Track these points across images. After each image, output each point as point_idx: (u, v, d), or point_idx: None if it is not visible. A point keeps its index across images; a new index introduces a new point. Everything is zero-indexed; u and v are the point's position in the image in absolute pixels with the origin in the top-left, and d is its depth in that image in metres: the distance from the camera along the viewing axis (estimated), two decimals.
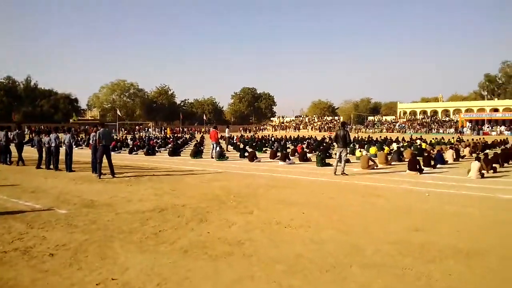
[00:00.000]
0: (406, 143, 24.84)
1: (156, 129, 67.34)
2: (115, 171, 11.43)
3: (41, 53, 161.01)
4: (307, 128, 78.46)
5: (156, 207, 7.12)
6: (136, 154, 20.14)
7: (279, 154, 16.13)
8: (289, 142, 28.32)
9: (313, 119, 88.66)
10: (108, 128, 12.78)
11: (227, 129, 23.65)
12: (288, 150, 18.81)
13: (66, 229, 5.62)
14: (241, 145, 23.75)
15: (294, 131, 72.46)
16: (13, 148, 14.99)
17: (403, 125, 70.16)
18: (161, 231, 5.53)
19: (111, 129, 54.86)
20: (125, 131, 58.30)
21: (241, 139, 31.17)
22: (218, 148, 17.35)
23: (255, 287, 3.67)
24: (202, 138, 31.57)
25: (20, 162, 14.42)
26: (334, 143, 14.45)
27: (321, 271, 4.04)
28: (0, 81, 66.01)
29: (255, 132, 66.89)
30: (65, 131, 14.42)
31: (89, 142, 16.19)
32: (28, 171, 12.79)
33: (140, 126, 66.52)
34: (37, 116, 62.98)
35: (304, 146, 21.38)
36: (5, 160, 14.83)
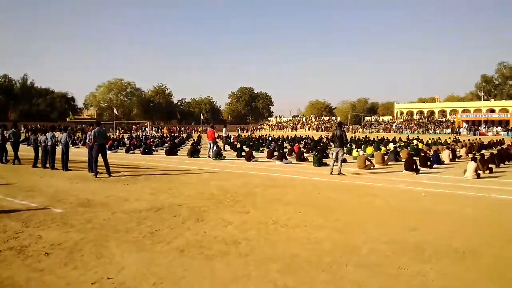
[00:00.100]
0: (403, 143, 24.96)
1: (153, 128, 67.23)
2: (112, 170, 11.41)
3: (38, 52, 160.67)
4: (304, 128, 78.65)
5: (153, 207, 7.11)
6: (133, 153, 20.07)
7: (276, 154, 16.13)
8: (286, 142, 28.35)
9: (310, 119, 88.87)
10: (104, 127, 12.74)
11: (224, 129, 23.62)
12: (285, 150, 18.81)
13: (62, 228, 5.60)
14: (238, 145, 23.76)
15: (291, 131, 72.72)
16: (9, 147, 14.93)
17: (400, 125, 70.46)
18: (158, 231, 5.52)
19: (108, 128, 55.01)
20: (122, 130, 58.17)
21: (238, 139, 31.21)
22: (215, 148, 17.36)
23: (251, 287, 3.67)
24: (199, 138, 31.57)
25: (16, 161, 14.37)
26: (331, 143, 14.47)
27: (317, 271, 4.05)
28: None
29: (252, 132, 66.92)
30: (62, 130, 14.37)
31: (86, 141, 16.15)
32: (24, 170, 12.74)
33: (137, 125, 66.36)
34: (34, 115, 62.63)
35: (301, 146, 21.36)
36: (1, 159, 14.75)
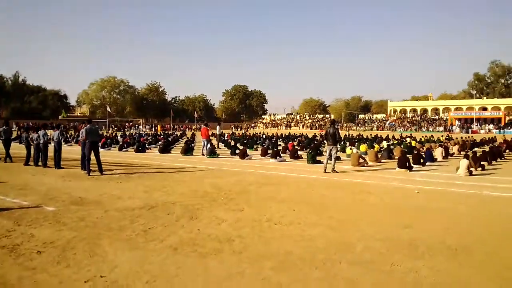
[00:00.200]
0: (396, 141, 25.08)
1: (147, 126, 66.92)
2: (105, 168, 11.33)
3: (30, 49, 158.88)
4: (298, 126, 78.68)
5: (146, 205, 7.07)
6: (126, 151, 19.97)
7: (270, 152, 16.14)
8: (280, 140, 28.35)
9: (304, 117, 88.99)
10: (97, 125, 12.66)
11: (218, 126, 23.58)
12: (279, 148, 18.82)
13: (54, 227, 5.56)
14: (232, 143, 23.75)
15: (285, 129, 72.72)
16: (0, 145, 14.76)
17: (393, 123, 70.77)
18: (151, 229, 5.49)
19: (101, 126, 54.70)
20: (115, 128, 57.83)
21: (232, 137, 31.19)
22: (209, 146, 17.32)
23: (245, 284, 3.67)
24: (193, 135, 31.47)
25: (8, 159, 14.21)
26: (325, 141, 14.51)
27: (311, 268, 4.06)
28: None
29: (246, 130, 66.88)
30: (54, 128, 14.24)
31: (79, 139, 16.03)
32: (16, 168, 12.61)
33: (131, 123, 66.01)
34: (25, 113, 62.08)
35: (295, 144, 21.40)
36: None
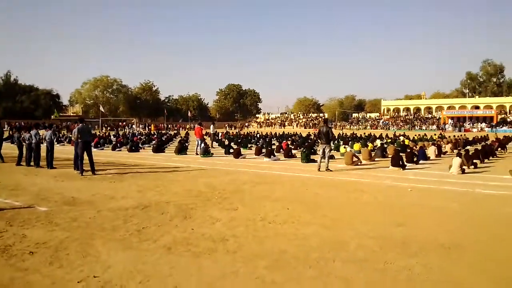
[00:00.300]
0: (390, 140, 25.19)
1: (140, 126, 66.57)
2: (98, 168, 11.26)
3: (22, 48, 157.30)
4: (292, 125, 78.78)
5: (140, 204, 7.04)
6: (120, 151, 19.85)
7: (264, 151, 16.15)
8: (274, 139, 28.38)
9: (298, 116, 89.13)
10: (90, 125, 12.57)
11: (212, 126, 23.54)
12: (273, 147, 18.84)
13: (47, 227, 5.51)
14: (226, 142, 23.73)
15: (280, 128, 72.78)
16: None
17: (387, 122, 71.15)
18: (145, 228, 5.46)
19: (94, 126, 54.33)
20: (108, 128, 57.47)
21: (226, 136, 31.14)
22: (203, 145, 17.29)
23: (239, 283, 3.66)
24: (187, 135, 31.38)
25: None
26: (318, 140, 14.54)
27: (305, 267, 4.07)
28: None
29: (240, 129, 66.82)
30: (46, 128, 14.12)
31: (71, 139, 15.91)
32: (8, 168, 12.48)
33: (124, 123, 65.61)
34: (17, 112, 61.41)
35: (289, 143, 21.42)
36: None
